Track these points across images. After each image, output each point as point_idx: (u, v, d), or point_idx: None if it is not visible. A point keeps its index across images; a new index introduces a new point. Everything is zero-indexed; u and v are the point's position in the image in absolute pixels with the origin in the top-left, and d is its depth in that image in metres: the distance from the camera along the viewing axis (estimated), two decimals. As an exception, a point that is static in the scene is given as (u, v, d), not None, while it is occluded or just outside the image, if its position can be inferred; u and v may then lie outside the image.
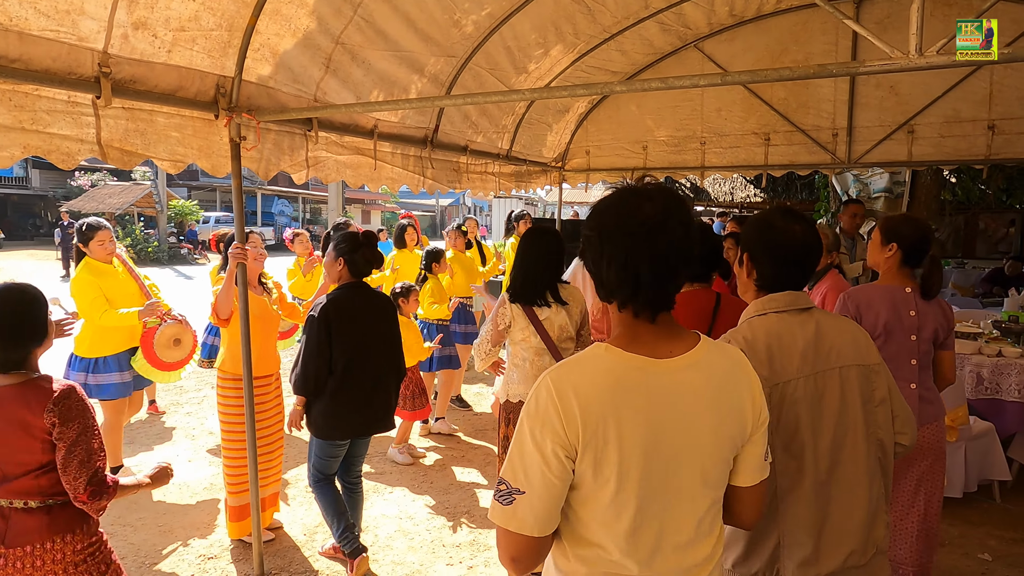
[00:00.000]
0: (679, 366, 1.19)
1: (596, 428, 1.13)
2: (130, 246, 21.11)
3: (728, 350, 1.28)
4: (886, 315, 2.59)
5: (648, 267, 1.16)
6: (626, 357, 1.18)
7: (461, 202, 46.59)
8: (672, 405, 1.16)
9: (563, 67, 5.00)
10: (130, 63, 2.46)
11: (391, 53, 3.57)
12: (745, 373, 1.27)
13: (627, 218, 1.19)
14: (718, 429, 1.20)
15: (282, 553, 3.50)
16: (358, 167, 3.83)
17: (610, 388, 1.15)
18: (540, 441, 1.15)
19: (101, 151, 2.40)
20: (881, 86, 5.37)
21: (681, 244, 1.17)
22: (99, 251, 4.08)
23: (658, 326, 1.22)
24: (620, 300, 1.22)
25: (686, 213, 1.20)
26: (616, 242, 1.19)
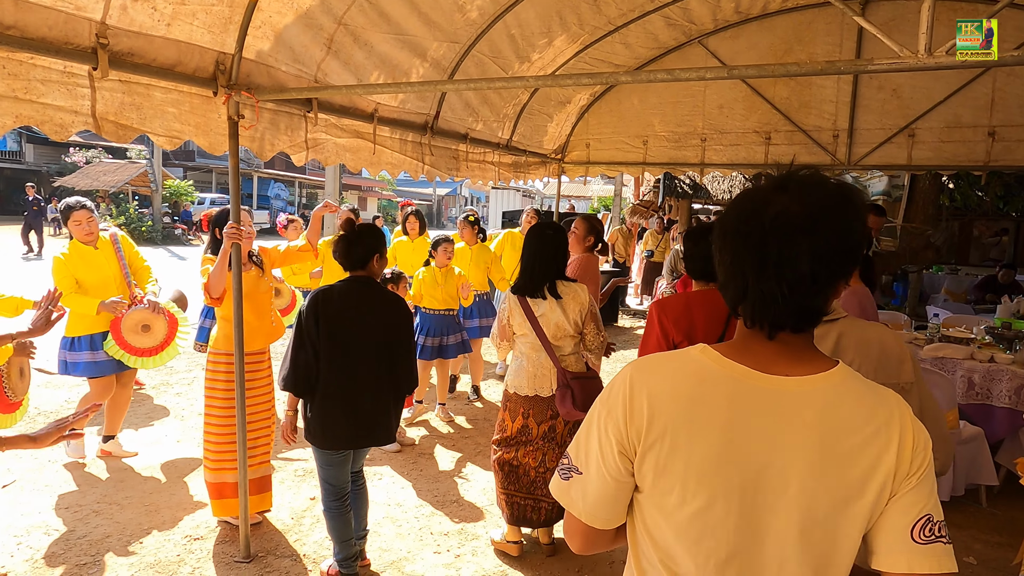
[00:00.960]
0: (789, 387, 0.97)
1: (663, 431, 0.99)
2: (123, 224, 20.96)
3: (878, 390, 1.00)
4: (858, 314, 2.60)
5: (755, 276, 0.97)
6: (721, 362, 1.01)
7: (458, 192, 46.50)
8: (765, 430, 0.96)
9: (566, 58, 4.96)
10: (128, 35, 2.42)
11: (394, 36, 3.53)
12: (897, 420, 0.97)
13: (747, 214, 0.99)
14: (824, 477, 0.94)
15: (269, 536, 3.49)
16: (357, 151, 3.80)
17: (690, 390, 1.00)
18: (602, 430, 1.05)
19: (95, 124, 2.36)
20: (884, 88, 5.36)
21: (819, 251, 0.94)
22: (77, 231, 4.05)
23: (779, 344, 1.01)
24: (730, 303, 1.05)
25: (839, 216, 0.95)
26: (727, 239, 1.02)
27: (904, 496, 0.95)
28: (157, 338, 4.24)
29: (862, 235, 0.98)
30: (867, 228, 0.99)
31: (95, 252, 4.10)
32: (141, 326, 4.15)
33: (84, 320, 4.03)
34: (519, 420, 3.23)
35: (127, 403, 4.47)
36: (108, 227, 4.96)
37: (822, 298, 0.98)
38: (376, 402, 2.89)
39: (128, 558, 3.21)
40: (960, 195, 8.41)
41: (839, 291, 1.01)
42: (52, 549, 3.26)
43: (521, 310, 3.10)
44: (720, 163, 5.97)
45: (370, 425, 2.91)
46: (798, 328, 1.00)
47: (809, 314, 0.99)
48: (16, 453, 4.35)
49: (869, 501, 0.95)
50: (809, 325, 1.01)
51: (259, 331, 3.55)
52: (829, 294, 0.98)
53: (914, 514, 0.95)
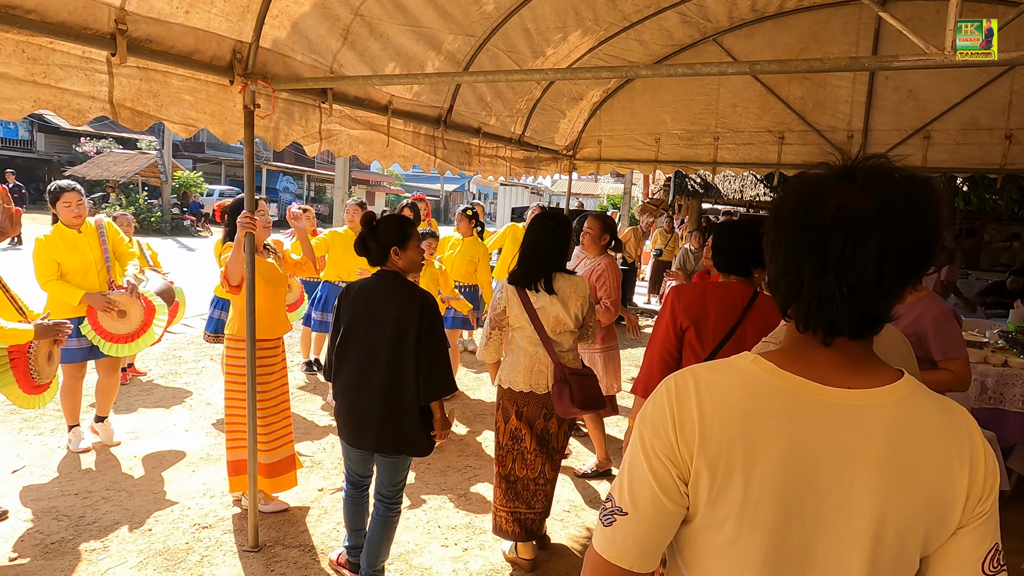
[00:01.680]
0: (853, 401, 0.88)
1: (718, 451, 0.88)
2: (133, 215, 21.02)
3: (951, 407, 0.92)
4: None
5: (813, 274, 0.88)
6: (776, 374, 0.91)
7: (466, 188, 46.49)
8: (829, 447, 0.86)
9: (581, 53, 4.94)
10: (147, 21, 2.41)
11: (409, 28, 3.52)
12: (967, 438, 0.89)
13: (805, 204, 0.89)
14: (892, 498, 0.86)
15: (276, 526, 3.50)
16: (371, 143, 3.79)
17: (744, 406, 0.89)
18: (651, 453, 0.93)
19: (112, 110, 2.36)
20: (900, 90, 5.31)
21: (888, 250, 0.84)
22: (65, 213, 4.03)
23: (835, 351, 0.91)
24: (780, 304, 0.96)
25: (912, 211, 0.85)
26: (783, 231, 0.92)
27: (978, 527, 0.89)
28: (133, 324, 4.24)
29: (937, 233, 0.87)
30: (941, 225, 0.88)
31: (79, 236, 4.09)
32: (118, 312, 4.15)
33: (62, 306, 4.02)
34: (512, 420, 3.13)
35: (115, 389, 4.43)
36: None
37: (887, 302, 0.88)
38: (373, 404, 2.70)
39: (137, 545, 3.22)
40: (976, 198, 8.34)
41: (905, 295, 0.90)
42: (62, 535, 3.27)
43: (519, 301, 3.02)
44: (733, 162, 5.94)
45: (364, 427, 2.73)
46: (857, 334, 0.90)
47: (871, 319, 0.89)
48: (26, 439, 4.38)
49: (939, 525, 0.88)
50: (870, 331, 0.91)
51: (277, 320, 3.59)
52: (895, 297, 0.88)
53: (987, 546, 0.89)
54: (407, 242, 2.77)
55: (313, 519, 3.60)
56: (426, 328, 2.69)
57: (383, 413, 2.70)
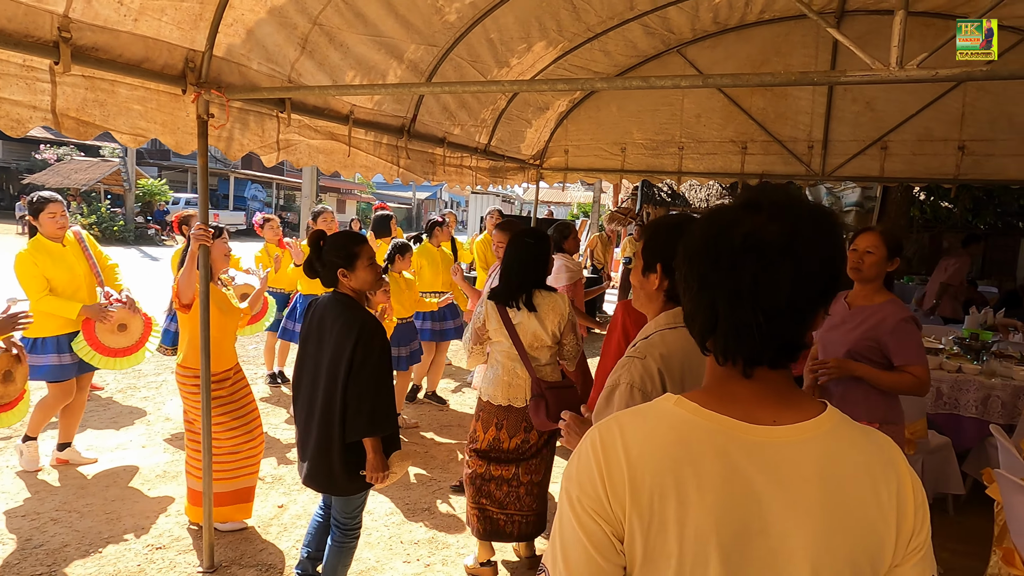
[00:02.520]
0: (782, 438, 0.86)
1: (650, 503, 0.84)
2: (95, 224, 20.55)
3: (875, 436, 0.91)
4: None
5: (728, 305, 0.87)
6: (702, 414, 0.88)
7: (438, 196, 46.39)
8: (763, 489, 0.83)
9: (545, 64, 4.95)
10: (93, 29, 2.35)
11: (370, 37, 3.49)
12: (894, 471, 0.88)
13: (714, 235, 0.90)
14: (830, 537, 0.83)
15: (233, 545, 3.41)
16: (331, 152, 3.74)
17: (673, 453, 0.85)
18: (580, 512, 0.88)
19: (55, 120, 2.29)
20: (858, 101, 5.44)
21: (801, 276, 0.85)
22: (50, 224, 3.92)
23: (755, 383, 0.90)
24: (698, 338, 0.94)
25: (820, 239, 0.87)
26: (693, 264, 0.92)
27: (915, 565, 0.88)
28: (133, 338, 4.17)
29: (843, 260, 0.91)
30: (844, 254, 0.93)
31: (63, 249, 3.98)
32: (118, 325, 4.06)
33: (53, 320, 3.91)
34: (491, 431, 3.16)
35: (83, 408, 4.32)
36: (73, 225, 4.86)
37: (802, 328, 0.88)
38: (309, 435, 2.57)
39: (86, 568, 3.11)
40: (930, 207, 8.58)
41: (819, 322, 0.90)
42: (7, 559, 3.15)
43: (499, 316, 3.05)
44: (697, 171, 6.01)
45: (302, 458, 2.61)
46: (776, 363, 0.90)
47: (788, 347, 0.89)
48: (-28, 458, 4.21)
49: (873, 563, 0.85)
50: (788, 359, 0.90)
51: (224, 352, 3.43)
52: (809, 324, 0.88)
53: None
54: (355, 262, 2.58)
55: (272, 536, 3.51)
56: (359, 360, 2.47)
57: (316, 447, 2.56)
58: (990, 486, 2.57)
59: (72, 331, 3.98)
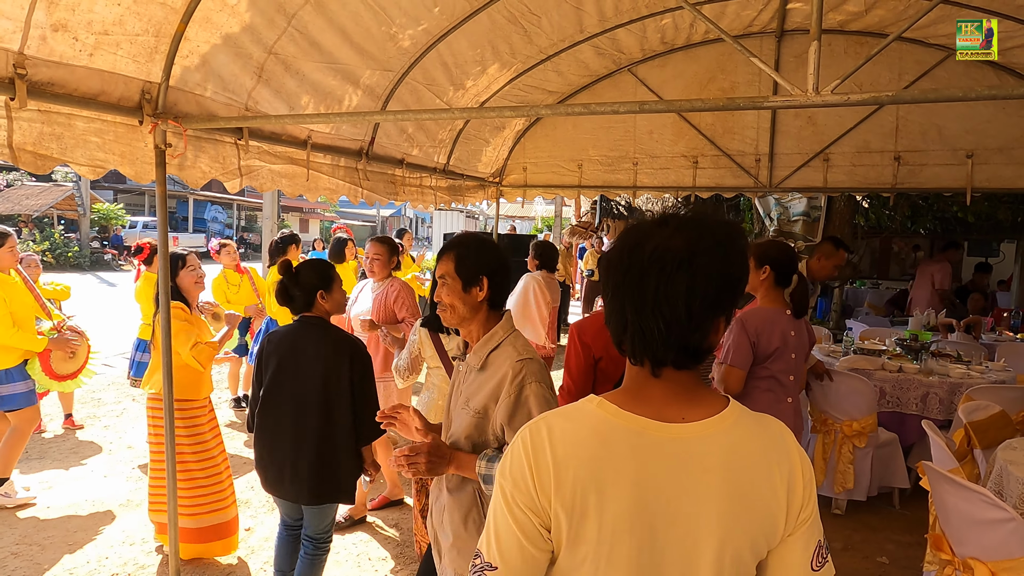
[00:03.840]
0: (689, 434, 0.97)
1: (572, 496, 0.94)
2: (48, 250, 20.02)
3: (769, 424, 1.04)
4: (778, 336, 2.79)
5: (635, 310, 0.97)
6: (620, 415, 0.98)
7: (402, 213, 46.24)
8: (673, 481, 0.95)
9: (500, 85, 5.09)
10: (48, 65, 2.39)
11: (326, 65, 3.57)
12: (785, 455, 1.01)
13: (629, 248, 1.00)
14: (732, 520, 0.95)
15: (201, 570, 3.41)
16: (293, 176, 3.80)
17: (593, 450, 0.96)
18: (512, 505, 0.98)
19: (12, 154, 2.31)
20: (800, 116, 5.70)
21: (695, 287, 0.94)
22: (9, 259, 3.93)
23: (665, 383, 1.01)
24: (614, 338, 1.04)
25: (717, 253, 0.96)
26: (610, 273, 1.02)
27: (803, 532, 1.00)
28: (79, 361, 4.31)
29: (739, 274, 0.99)
30: (745, 267, 1.01)
31: (14, 281, 3.96)
32: (69, 353, 4.11)
33: (14, 352, 3.91)
34: None
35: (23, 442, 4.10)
36: (30, 253, 4.83)
37: (700, 334, 0.97)
38: (302, 456, 2.63)
39: (49, 601, 3.09)
40: (874, 215, 8.96)
41: (719, 328, 0.99)
42: (-35, 595, 3.10)
43: (431, 344, 3.00)
44: (651, 186, 6.20)
45: (292, 479, 2.65)
46: (680, 365, 1.00)
47: (690, 351, 0.98)
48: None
49: (769, 537, 0.99)
50: (691, 362, 1.00)
51: (204, 378, 3.45)
52: (707, 330, 0.98)
53: (812, 546, 1.01)
54: (332, 284, 2.74)
55: (240, 560, 3.52)
56: (360, 373, 2.70)
57: (314, 465, 2.63)
58: (923, 478, 2.74)
59: (23, 359, 4.02)
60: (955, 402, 4.24)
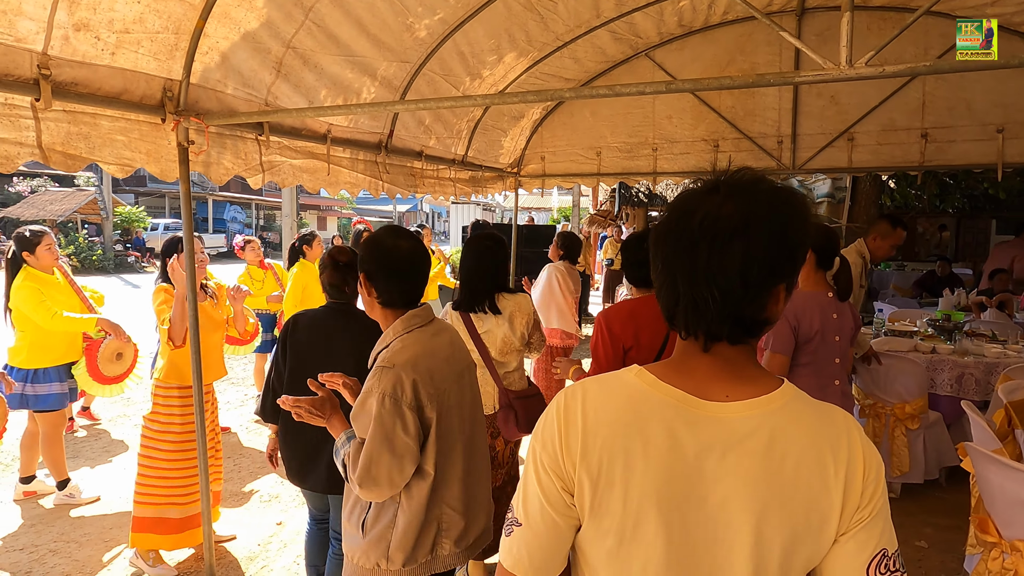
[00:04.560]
0: (730, 414, 0.91)
1: (599, 463, 0.92)
2: (73, 254, 20.35)
3: (830, 413, 0.95)
4: (819, 319, 2.73)
5: (687, 282, 0.91)
6: (658, 387, 0.94)
7: (419, 208, 46.37)
8: (706, 460, 0.89)
9: (517, 74, 5.05)
10: (72, 65, 2.40)
11: (343, 58, 3.56)
12: (845, 445, 0.91)
13: (677, 218, 0.94)
14: (768, 510, 0.87)
15: (233, 565, 3.44)
16: (314, 171, 3.80)
17: (626, 419, 0.92)
18: (539, 466, 0.97)
19: (43, 155, 2.33)
20: (822, 96, 5.59)
21: (750, 255, 0.88)
22: (47, 257, 3.95)
23: (714, 358, 0.95)
24: (665, 313, 0.98)
25: (773, 218, 0.89)
26: (659, 244, 0.96)
27: (858, 533, 0.90)
28: (125, 365, 4.26)
29: (800, 239, 0.91)
30: (807, 231, 0.93)
31: (57, 281, 4.02)
32: (116, 354, 4.12)
33: (52, 351, 3.94)
34: None
35: (36, 441, 4.22)
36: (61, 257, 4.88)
37: (757, 305, 0.91)
38: (324, 439, 2.48)
39: (88, 596, 3.13)
40: (900, 195, 8.78)
41: (779, 298, 0.92)
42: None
43: (464, 327, 3.00)
44: (671, 171, 6.13)
45: (306, 466, 2.62)
46: (735, 339, 0.93)
47: (744, 323, 0.92)
48: (-35, 495, 4.20)
49: (818, 535, 0.89)
50: (746, 335, 0.94)
51: (209, 366, 3.42)
52: (765, 301, 0.91)
53: (869, 551, 0.90)
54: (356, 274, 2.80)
55: (272, 554, 3.55)
56: None
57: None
58: (964, 459, 2.68)
59: (72, 360, 4.03)
60: (991, 382, 4.15)
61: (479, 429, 2.03)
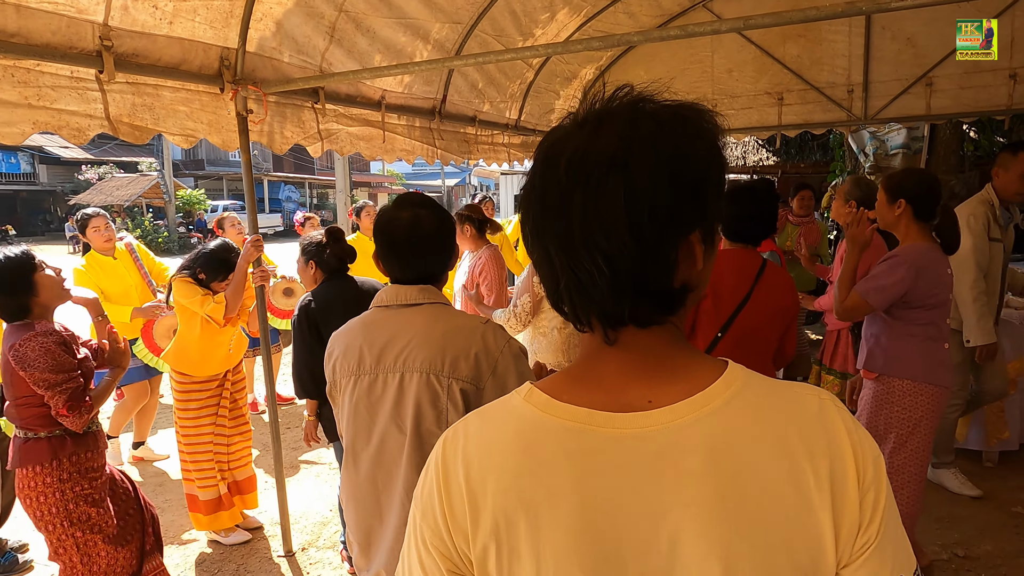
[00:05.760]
0: (655, 427, 0.64)
1: (495, 531, 0.65)
2: (140, 237, 21.23)
3: (791, 398, 0.67)
4: (943, 276, 2.52)
5: (562, 250, 0.66)
6: (553, 410, 0.67)
7: (467, 181, 46.43)
8: (635, 498, 0.63)
9: (570, 32, 4.88)
10: (131, 36, 2.40)
11: (395, 20, 3.49)
12: (823, 441, 0.64)
13: (541, 167, 0.69)
14: (738, 548, 0.60)
15: (311, 529, 3.52)
16: (370, 139, 3.78)
17: (518, 463, 0.66)
18: (419, 541, 0.71)
19: (111, 126, 2.36)
20: (897, 38, 5.22)
21: (635, 193, 0.62)
22: (96, 239, 4.09)
23: (622, 352, 0.69)
24: (551, 301, 0.72)
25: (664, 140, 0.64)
26: (526, 208, 0.70)
27: (867, 562, 0.64)
28: None
29: (704, 166, 0.66)
30: (714, 156, 0.68)
31: (114, 262, 4.14)
32: (172, 331, 4.20)
33: (118, 328, 4.05)
34: None
35: (155, 409, 4.54)
36: (124, 236, 5.00)
37: (660, 267, 0.64)
38: None
39: (172, 559, 3.25)
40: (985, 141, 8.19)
41: (694, 253, 0.66)
42: (99, 554, 3.31)
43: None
44: (732, 128, 5.86)
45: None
46: (643, 320, 0.67)
47: (653, 294, 0.65)
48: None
49: (811, 568, 0.62)
50: (658, 311, 0.67)
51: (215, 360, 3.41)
52: (673, 258, 0.65)
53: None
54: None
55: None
56: None
57: None
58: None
59: (132, 337, 4.13)
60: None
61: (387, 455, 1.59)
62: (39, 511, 2.20)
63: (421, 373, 1.51)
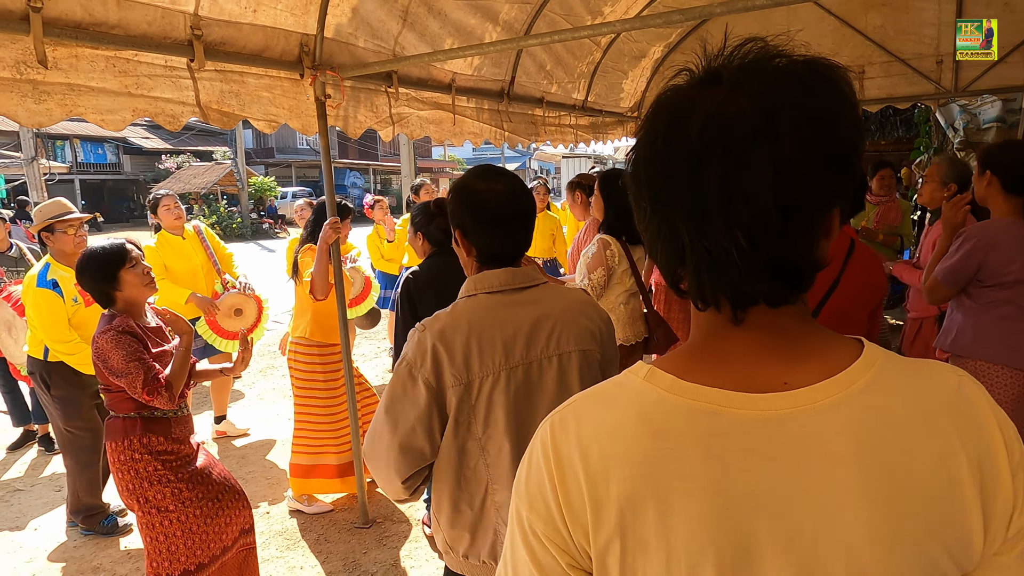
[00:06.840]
0: (797, 408, 0.61)
1: (620, 523, 0.61)
2: (216, 223, 22.16)
3: (934, 376, 0.64)
4: (1017, 252, 2.37)
5: (693, 226, 0.61)
6: (681, 391, 0.63)
7: (527, 166, 46.36)
8: (777, 485, 0.59)
9: (639, 8, 4.78)
10: (219, 24, 2.49)
11: (465, 2, 3.50)
12: (971, 424, 0.61)
13: (664, 131, 0.63)
14: (883, 537, 0.57)
15: (384, 503, 3.63)
16: (440, 122, 3.82)
17: (643, 449, 0.62)
18: (531, 538, 0.67)
19: (203, 113, 2.47)
20: (993, 4, 4.87)
21: (787, 164, 0.58)
22: (167, 217, 4.28)
23: (752, 332, 0.65)
24: (667, 279, 0.68)
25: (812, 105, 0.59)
26: (640, 174, 0.66)
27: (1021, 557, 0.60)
28: (248, 321, 4.43)
29: (853, 134, 0.61)
30: (859, 123, 0.62)
31: (183, 242, 4.32)
32: (234, 310, 4.36)
33: (174, 308, 4.23)
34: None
35: (229, 383, 4.73)
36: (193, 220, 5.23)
37: (804, 241, 0.61)
38: None
39: (259, 528, 3.42)
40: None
41: (833, 228, 0.63)
42: (190, 520, 3.51)
43: (626, 256, 3.09)
44: (810, 104, 5.63)
45: None
46: (778, 299, 0.63)
47: (791, 272, 0.62)
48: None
49: (959, 555, 0.59)
50: (794, 289, 0.63)
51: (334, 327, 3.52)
52: (818, 233, 0.61)
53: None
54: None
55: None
56: None
57: None
58: None
59: (194, 316, 4.26)
60: None
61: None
62: (119, 484, 2.34)
63: (577, 351, 1.44)
